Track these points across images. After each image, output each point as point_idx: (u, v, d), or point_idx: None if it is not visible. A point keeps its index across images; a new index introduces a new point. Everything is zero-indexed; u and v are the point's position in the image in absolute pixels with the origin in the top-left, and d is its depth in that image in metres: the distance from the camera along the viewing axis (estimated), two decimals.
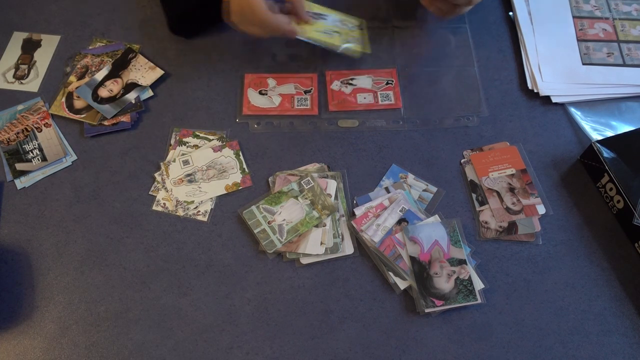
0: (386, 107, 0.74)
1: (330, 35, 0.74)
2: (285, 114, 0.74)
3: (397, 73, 0.77)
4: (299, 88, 0.76)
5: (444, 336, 0.60)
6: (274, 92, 0.76)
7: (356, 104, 0.75)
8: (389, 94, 0.75)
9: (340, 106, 0.75)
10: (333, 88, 0.76)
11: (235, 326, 0.60)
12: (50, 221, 0.66)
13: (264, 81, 0.77)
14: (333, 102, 0.75)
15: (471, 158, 0.71)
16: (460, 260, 0.62)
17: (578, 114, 0.75)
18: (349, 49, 0.74)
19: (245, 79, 0.77)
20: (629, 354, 0.59)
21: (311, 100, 0.75)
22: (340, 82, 0.76)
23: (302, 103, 0.75)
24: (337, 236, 0.64)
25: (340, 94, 0.75)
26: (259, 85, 0.76)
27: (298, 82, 0.77)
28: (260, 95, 0.75)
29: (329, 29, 0.74)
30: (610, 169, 0.65)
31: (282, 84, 0.76)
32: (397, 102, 0.75)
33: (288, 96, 0.75)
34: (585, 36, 0.81)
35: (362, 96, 0.75)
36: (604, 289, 0.63)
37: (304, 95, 0.75)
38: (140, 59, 0.77)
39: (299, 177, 0.68)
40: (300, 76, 0.77)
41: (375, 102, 0.75)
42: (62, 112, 0.73)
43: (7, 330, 0.60)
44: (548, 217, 0.67)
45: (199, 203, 0.67)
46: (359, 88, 0.76)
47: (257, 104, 0.75)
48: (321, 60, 0.78)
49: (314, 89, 0.76)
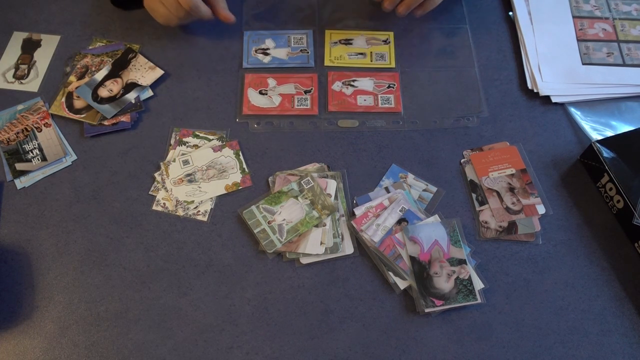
0: (386, 110, 0.74)
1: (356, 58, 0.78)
2: (285, 114, 0.74)
3: (399, 77, 0.77)
4: (299, 88, 0.76)
5: (444, 336, 0.60)
6: (274, 92, 0.76)
7: (356, 106, 0.75)
8: (389, 98, 0.75)
9: (340, 107, 0.75)
10: (334, 89, 0.76)
11: (235, 326, 0.60)
12: (50, 221, 0.66)
13: (264, 81, 0.77)
14: (333, 102, 0.75)
15: (471, 158, 0.71)
16: (460, 260, 0.62)
17: (578, 113, 0.75)
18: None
19: (246, 78, 0.77)
20: (629, 354, 0.59)
21: (311, 100, 0.75)
22: (342, 83, 0.76)
23: (302, 103, 0.75)
24: (337, 236, 0.64)
25: (341, 95, 0.75)
26: (259, 85, 0.76)
27: (298, 82, 0.77)
28: (260, 95, 0.75)
29: (353, 52, 0.78)
30: (610, 169, 0.65)
31: (282, 83, 0.76)
32: (397, 106, 0.75)
33: (288, 96, 0.75)
34: (585, 36, 0.81)
35: (363, 98, 0.75)
36: (604, 288, 0.63)
37: (304, 95, 0.75)
38: (140, 59, 0.77)
39: (299, 177, 0.68)
40: (300, 76, 0.77)
41: (376, 104, 0.75)
42: (62, 112, 0.73)
43: (7, 330, 0.60)
44: (548, 217, 0.67)
45: (199, 203, 0.67)
46: (360, 90, 0.76)
47: (257, 104, 0.75)
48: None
49: (314, 89, 0.76)
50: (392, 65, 0.79)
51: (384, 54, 0.80)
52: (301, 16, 0.83)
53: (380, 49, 0.80)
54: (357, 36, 0.81)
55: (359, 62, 0.79)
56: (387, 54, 0.80)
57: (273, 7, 0.82)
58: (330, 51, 0.80)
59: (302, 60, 0.79)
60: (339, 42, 0.81)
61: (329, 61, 0.79)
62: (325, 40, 0.81)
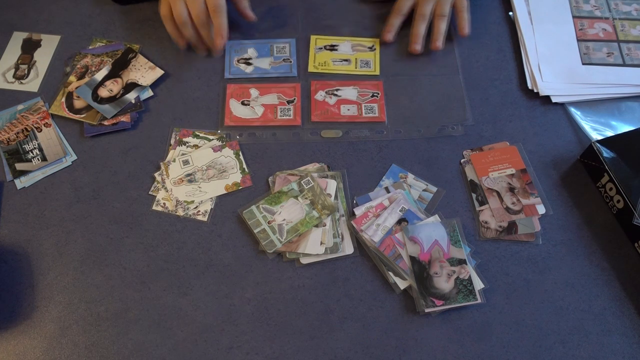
0: (370, 120, 0.73)
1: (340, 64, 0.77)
2: (268, 125, 0.73)
3: (383, 86, 0.76)
4: (282, 98, 0.75)
5: (444, 336, 0.60)
6: (257, 102, 0.75)
7: (339, 115, 0.73)
8: (373, 107, 0.74)
9: (323, 117, 0.73)
10: (317, 98, 0.75)
11: (235, 326, 0.60)
12: (50, 221, 0.66)
13: (247, 91, 0.75)
14: (316, 112, 0.74)
15: (471, 158, 0.71)
16: (460, 260, 0.62)
17: (578, 113, 0.75)
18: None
19: (228, 89, 0.75)
20: (629, 354, 0.59)
21: (294, 110, 0.74)
22: (325, 93, 0.75)
23: (285, 113, 0.74)
24: (337, 236, 0.64)
25: (324, 105, 0.74)
26: (241, 96, 0.75)
27: (281, 91, 0.75)
28: (242, 106, 0.74)
29: (338, 58, 0.77)
30: (610, 169, 0.65)
31: (265, 94, 0.75)
32: (381, 115, 0.73)
33: (271, 106, 0.74)
34: (585, 36, 0.81)
35: (346, 108, 0.74)
36: (604, 289, 0.63)
37: (286, 105, 0.74)
38: (140, 59, 0.77)
39: (299, 177, 0.68)
40: (283, 86, 0.76)
41: (359, 114, 0.74)
42: (62, 112, 0.73)
43: (7, 330, 0.60)
44: (548, 217, 0.67)
45: (199, 203, 0.67)
46: (344, 99, 0.75)
47: (240, 115, 0.73)
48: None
49: (297, 99, 0.75)
50: (377, 72, 0.78)
51: (369, 60, 0.79)
52: (284, 24, 0.82)
53: (366, 55, 0.79)
54: (343, 42, 0.80)
55: (344, 68, 0.78)
56: (372, 60, 0.79)
57: (256, 14, 0.79)
58: (314, 57, 0.79)
59: (285, 69, 0.78)
60: (323, 48, 0.79)
61: (312, 67, 0.78)
62: (310, 46, 0.80)
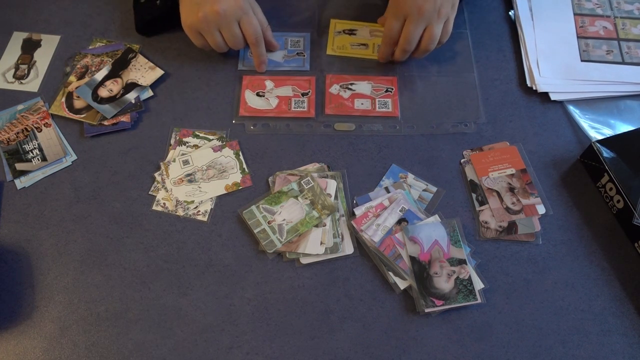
0: (383, 115, 0.74)
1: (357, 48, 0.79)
2: (282, 116, 0.74)
3: (397, 81, 0.77)
4: (297, 90, 0.76)
5: (444, 336, 0.60)
6: (272, 94, 0.75)
7: (353, 109, 0.74)
8: (387, 102, 0.75)
9: (337, 110, 0.74)
10: (332, 91, 0.76)
11: (235, 326, 0.60)
12: (50, 221, 0.66)
13: (262, 83, 0.76)
14: (330, 105, 0.75)
15: (471, 158, 0.71)
16: (460, 260, 0.62)
17: (576, 112, 0.75)
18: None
19: (243, 80, 0.77)
20: (629, 354, 0.59)
21: (308, 102, 0.75)
22: (340, 86, 0.76)
23: (299, 105, 0.75)
24: (337, 236, 0.64)
25: (338, 98, 0.75)
26: (256, 87, 0.76)
27: (296, 84, 0.76)
28: (257, 97, 0.75)
29: (356, 42, 0.80)
30: (610, 169, 0.65)
31: (280, 85, 0.76)
32: (394, 110, 0.74)
33: (285, 98, 0.75)
34: (585, 33, 0.81)
35: (360, 102, 0.75)
36: (604, 289, 0.63)
37: (301, 97, 0.75)
38: (140, 59, 0.77)
39: (299, 177, 0.68)
40: (298, 79, 0.77)
41: (373, 108, 0.74)
42: (62, 112, 0.73)
43: (7, 330, 0.60)
44: (548, 217, 0.67)
45: (199, 203, 0.67)
46: (358, 93, 0.76)
47: (254, 106, 0.74)
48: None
49: (312, 91, 0.76)
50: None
51: None
52: (300, 18, 0.83)
53: None
54: (362, 27, 0.82)
55: (361, 52, 0.80)
56: None
57: (272, 8, 0.82)
58: (333, 40, 0.81)
59: (298, 63, 0.79)
60: (342, 32, 0.81)
61: (331, 50, 0.80)
62: (330, 29, 0.82)
